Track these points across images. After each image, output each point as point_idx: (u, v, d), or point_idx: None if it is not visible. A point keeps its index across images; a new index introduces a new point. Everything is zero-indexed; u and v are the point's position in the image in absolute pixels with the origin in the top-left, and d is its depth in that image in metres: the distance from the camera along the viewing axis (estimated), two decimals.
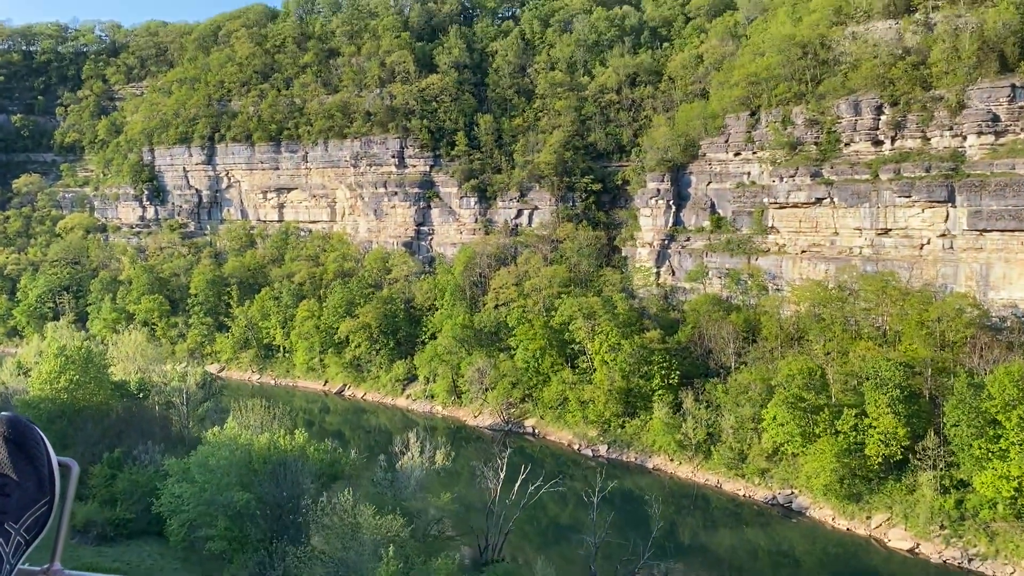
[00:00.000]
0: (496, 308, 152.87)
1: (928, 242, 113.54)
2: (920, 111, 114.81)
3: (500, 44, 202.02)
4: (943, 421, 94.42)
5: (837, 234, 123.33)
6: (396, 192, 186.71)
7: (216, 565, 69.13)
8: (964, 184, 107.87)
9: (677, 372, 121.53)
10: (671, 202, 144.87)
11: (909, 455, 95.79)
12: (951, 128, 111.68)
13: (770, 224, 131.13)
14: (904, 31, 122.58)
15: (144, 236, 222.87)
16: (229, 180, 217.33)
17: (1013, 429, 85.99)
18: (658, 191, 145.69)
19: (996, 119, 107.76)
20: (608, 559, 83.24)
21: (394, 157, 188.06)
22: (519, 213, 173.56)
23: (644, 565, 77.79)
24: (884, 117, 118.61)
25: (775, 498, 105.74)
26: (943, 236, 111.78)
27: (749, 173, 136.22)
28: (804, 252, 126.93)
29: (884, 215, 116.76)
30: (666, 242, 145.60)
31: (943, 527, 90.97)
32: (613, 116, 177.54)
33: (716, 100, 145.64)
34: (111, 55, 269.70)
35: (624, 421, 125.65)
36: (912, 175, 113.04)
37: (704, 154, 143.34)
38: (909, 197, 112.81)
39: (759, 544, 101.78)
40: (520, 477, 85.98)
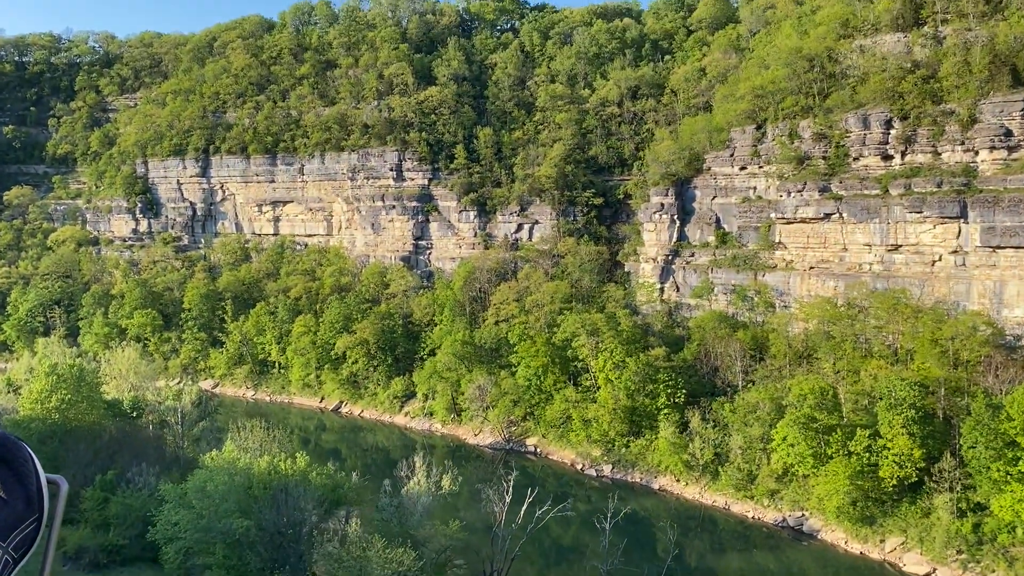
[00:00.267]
0: (496, 324, 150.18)
1: (940, 258, 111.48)
2: (931, 125, 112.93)
3: (499, 56, 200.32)
4: (959, 442, 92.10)
5: (846, 250, 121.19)
6: (394, 206, 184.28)
7: None
8: (977, 200, 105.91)
9: (683, 391, 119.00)
10: (675, 217, 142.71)
11: (924, 477, 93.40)
12: (963, 143, 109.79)
13: (777, 239, 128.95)
14: (913, 44, 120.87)
15: (137, 249, 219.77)
16: (224, 193, 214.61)
17: None
18: (662, 205, 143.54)
19: (1009, 134, 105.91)
20: None
21: (392, 170, 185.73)
22: (519, 227, 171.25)
23: None
24: (894, 131, 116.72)
25: (785, 520, 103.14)
26: (955, 252, 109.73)
27: (755, 188, 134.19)
28: (812, 268, 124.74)
29: (894, 231, 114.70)
30: (670, 257, 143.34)
31: (960, 552, 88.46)
32: (614, 129, 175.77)
33: (721, 113, 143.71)
34: (105, 66, 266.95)
35: (629, 440, 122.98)
36: (923, 190, 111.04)
37: (709, 168, 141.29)
38: (920, 213, 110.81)
39: (769, 568, 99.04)
40: (527, 500, 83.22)
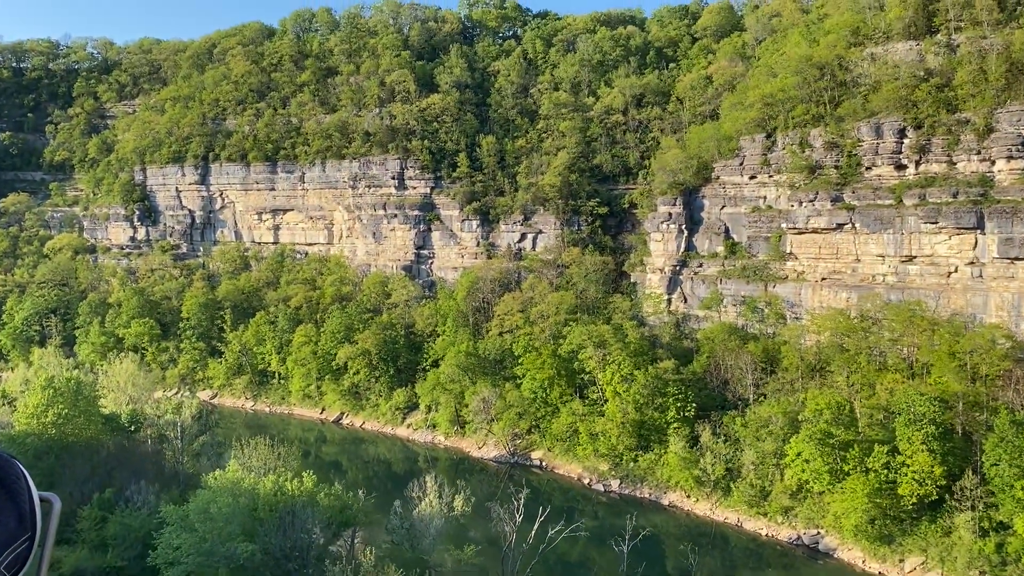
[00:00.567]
0: (501, 335, 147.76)
1: (955, 270, 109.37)
2: (945, 135, 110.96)
3: (502, 64, 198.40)
4: (981, 459, 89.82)
5: (859, 261, 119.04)
6: (396, 214, 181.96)
7: None
8: (994, 210, 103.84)
9: (693, 404, 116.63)
10: (683, 226, 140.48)
11: (945, 495, 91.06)
12: (979, 152, 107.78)
13: (788, 250, 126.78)
14: (926, 52, 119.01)
15: (135, 257, 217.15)
16: (223, 200, 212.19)
17: None
18: (669, 215, 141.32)
19: None
20: None
21: (394, 178, 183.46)
22: (523, 237, 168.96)
23: None
24: (907, 140, 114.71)
25: (800, 538, 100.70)
26: (972, 264, 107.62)
27: (765, 197, 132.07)
28: (824, 279, 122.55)
29: (909, 242, 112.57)
30: (678, 268, 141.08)
31: (983, 572, 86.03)
32: (619, 137, 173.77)
33: (729, 121, 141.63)
34: (103, 72, 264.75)
35: (637, 455, 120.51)
36: (938, 200, 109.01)
37: (717, 177, 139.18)
38: (936, 223, 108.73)
39: None
40: (538, 519, 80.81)
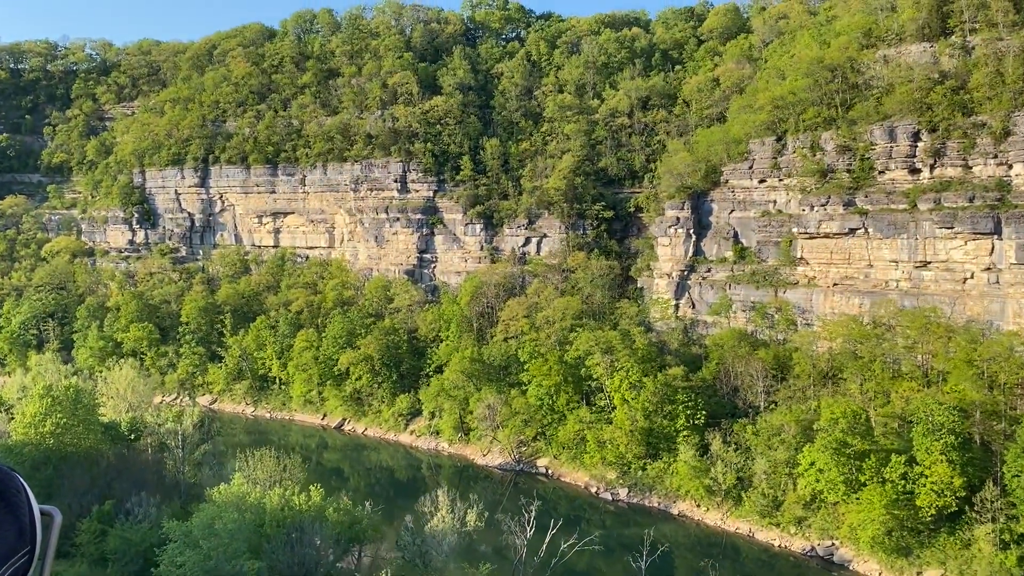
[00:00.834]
0: (506, 340, 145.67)
1: (971, 276, 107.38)
2: (961, 138, 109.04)
3: (506, 66, 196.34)
4: (1001, 470, 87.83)
5: (871, 266, 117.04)
6: (398, 218, 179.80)
7: None
8: (1012, 215, 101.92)
9: (703, 412, 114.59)
10: (691, 231, 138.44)
11: (964, 507, 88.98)
12: (995, 156, 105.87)
13: (799, 255, 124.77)
14: (940, 54, 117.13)
15: (133, 261, 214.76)
16: (223, 203, 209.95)
17: None
18: (677, 219, 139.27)
19: None
20: None
21: (396, 181, 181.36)
22: (527, 241, 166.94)
23: None
24: (922, 144, 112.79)
25: (813, 549, 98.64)
26: (988, 270, 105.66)
27: (775, 201, 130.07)
28: (836, 285, 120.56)
29: (923, 247, 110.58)
30: (686, 273, 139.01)
31: None
32: (625, 140, 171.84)
33: (738, 124, 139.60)
34: (101, 74, 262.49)
35: (645, 463, 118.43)
36: (954, 205, 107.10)
37: (726, 181, 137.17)
38: (951, 228, 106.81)
39: None
40: (549, 532, 78.70)
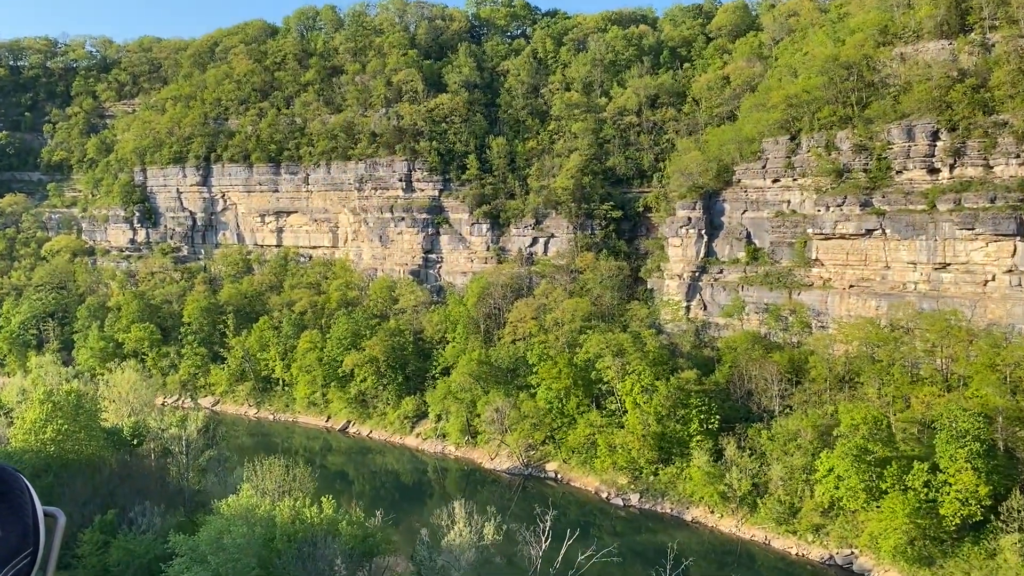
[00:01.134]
0: (514, 343, 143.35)
1: (993, 278, 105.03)
2: (982, 137, 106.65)
3: (512, 63, 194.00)
4: None
5: (889, 268, 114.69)
6: (403, 217, 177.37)
7: None
8: None
9: (717, 416, 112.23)
10: (703, 231, 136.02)
11: (990, 516, 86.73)
12: (1018, 156, 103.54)
13: (813, 256, 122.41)
14: (959, 52, 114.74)
15: (134, 260, 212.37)
16: (225, 202, 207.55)
17: None
18: (688, 219, 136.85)
19: None
20: None
21: (401, 180, 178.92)
22: (534, 241, 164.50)
23: None
24: (941, 143, 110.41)
25: (832, 558, 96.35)
26: (1010, 272, 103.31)
27: (789, 201, 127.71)
28: (852, 287, 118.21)
29: (943, 248, 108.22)
30: (697, 274, 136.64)
31: None
32: (633, 139, 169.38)
33: (751, 123, 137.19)
34: (102, 71, 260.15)
35: (657, 468, 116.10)
36: (975, 206, 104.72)
37: (739, 180, 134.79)
38: (972, 230, 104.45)
39: None
40: (565, 542, 76.31)
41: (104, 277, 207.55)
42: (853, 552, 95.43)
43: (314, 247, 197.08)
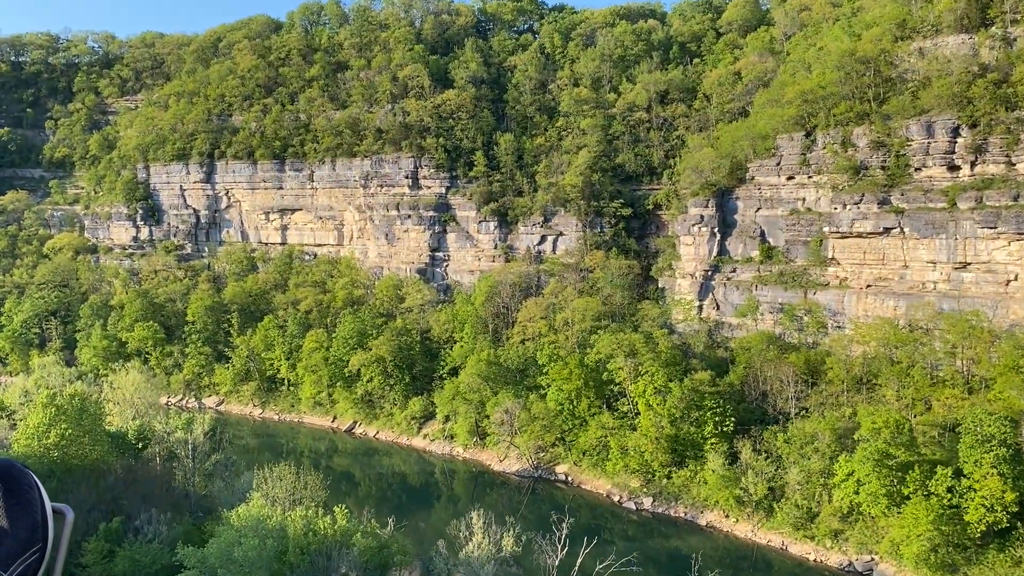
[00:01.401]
0: (523, 343, 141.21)
1: (1015, 278, 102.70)
2: (1004, 133, 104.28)
3: (519, 58, 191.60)
4: None
5: (907, 267, 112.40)
6: (409, 215, 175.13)
7: None
8: None
9: (731, 418, 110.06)
10: (715, 229, 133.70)
11: (1016, 522, 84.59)
12: None
13: (829, 255, 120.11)
14: (980, 46, 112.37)
15: (137, 258, 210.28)
16: (229, 200, 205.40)
17: None
18: (701, 217, 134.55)
19: None
20: None
21: (407, 177, 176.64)
22: (543, 239, 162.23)
23: None
24: (961, 140, 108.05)
25: (851, 565, 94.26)
26: None
27: (804, 199, 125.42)
28: (869, 286, 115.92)
29: (963, 247, 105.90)
30: (710, 273, 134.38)
31: None
32: (643, 136, 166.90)
33: (764, 119, 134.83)
34: (104, 67, 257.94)
35: (671, 471, 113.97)
36: (997, 204, 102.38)
37: (752, 178, 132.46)
38: (994, 228, 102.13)
39: None
40: (583, 551, 74.24)
41: (107, 275, 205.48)
42: (873, 559, 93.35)
43: (319, 245, 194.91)
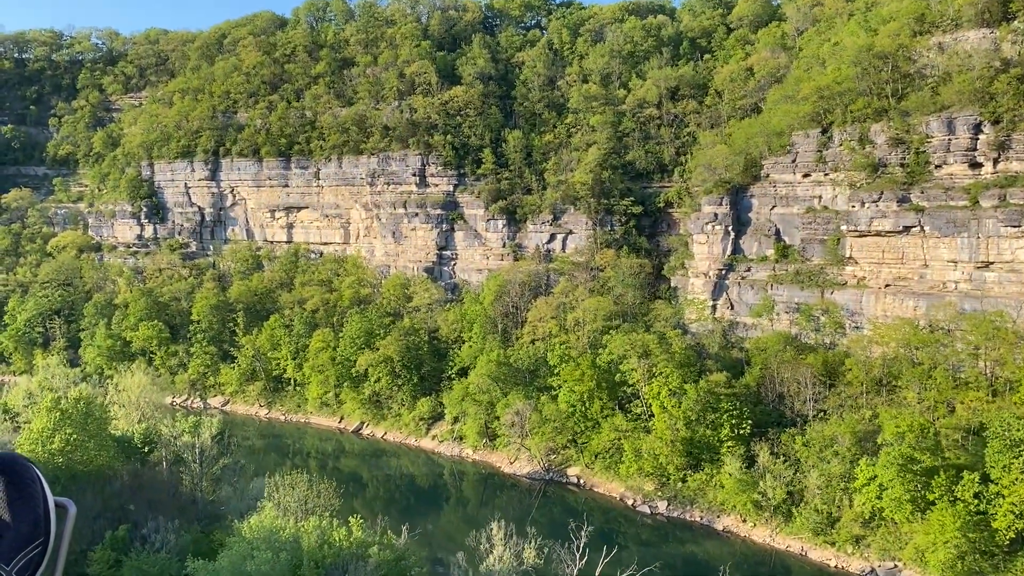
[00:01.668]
0: (533, 343, 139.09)
1: None
2: None
3: (527, 54, 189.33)
4: None
5: (927, 266, 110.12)
6: (416, 213, 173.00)
7: None
8: None
9: (748, 421, 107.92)
10: (729, 228, 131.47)
11: None
12: None
13: (847, 254, 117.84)
14: (1002, 41, 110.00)
15: (142, 256, 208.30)
16: (234, 197, 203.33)
17: None
18: (715, 215, 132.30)
19: None
20: None
21: (414, 175, 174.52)
22: (552, 238, 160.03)
23: None
24: (983, 136, 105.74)
25: (874, 571, 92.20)
26: None
27: (820, 197, 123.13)
28: (888, 286, 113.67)
29: (986, 246, 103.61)
30: (723, 272, 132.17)
31: None
32: (653, 132, 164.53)
33: (779, 115, 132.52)
34: (108, 64, 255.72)
35: (686, 474, 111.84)
36: (1021, 202, 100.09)
37: (767, 175, 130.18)
38: (1018, 227, 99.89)
39: None
40: (602, 561, 72.28)
41: (111, 274, 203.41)
42: (896, 565, 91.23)
43: (325, 243, 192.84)
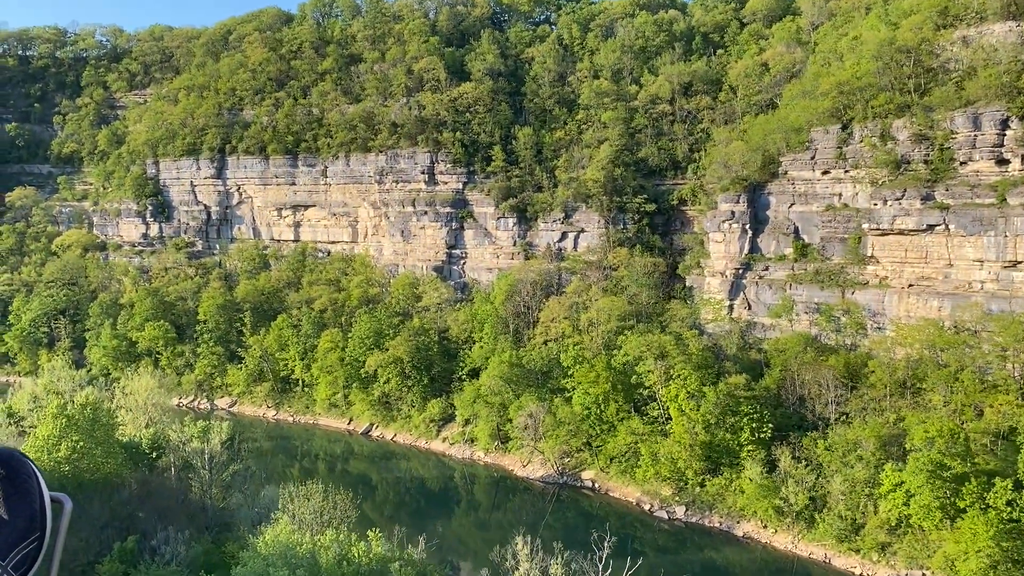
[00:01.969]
0: (545, 344, 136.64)
1: None
2: None
3: (537, 50, 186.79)
4: None
5: (951, 266, 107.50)
6: (426, 211, 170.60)
7: None
8: None
9: (769, 424, 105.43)
10: (747, 226, 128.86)
11: None
12: None
13: (868, 253, 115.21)
14: None
15: (147, 255, 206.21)
16: (240, 196, 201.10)
17: None
18: (731, 213, 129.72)
19: None
20: None
21: (423, 173, 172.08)
22: (563, 236, 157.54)
23: None
24: (1011, 132, 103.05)
25: None
26: None
27: (840, 194, 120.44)
28: (911, 286, 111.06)
29: (1013, 245, 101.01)
30: (741, 271, 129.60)
31: None
32: (666, 129, 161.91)
33: (797, 111, 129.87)
34: (113, 61, 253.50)
35: (704, 479, 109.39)
36: None
37: (785, 172, 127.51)
38: None
39: None
40: (626, 571, 69.95)
41: (116, 273, 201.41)
42: (924, 574, 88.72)
43: (333, 242, 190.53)
